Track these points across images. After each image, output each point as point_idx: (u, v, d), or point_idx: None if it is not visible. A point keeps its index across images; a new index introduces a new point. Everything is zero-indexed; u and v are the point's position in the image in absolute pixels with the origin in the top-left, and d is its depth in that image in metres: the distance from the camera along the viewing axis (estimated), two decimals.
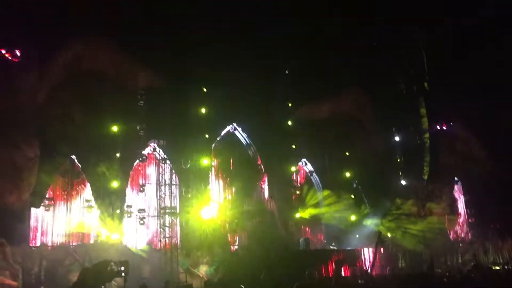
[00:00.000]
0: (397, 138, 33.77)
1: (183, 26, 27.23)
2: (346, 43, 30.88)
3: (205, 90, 28.65)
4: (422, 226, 31.29)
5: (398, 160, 33.69)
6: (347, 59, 31.12)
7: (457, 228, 35.96)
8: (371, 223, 32.65)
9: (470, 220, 35.79)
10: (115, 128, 25.98)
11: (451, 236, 34.89)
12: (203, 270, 25.02)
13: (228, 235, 28.82)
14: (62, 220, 25.58)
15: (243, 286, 20.91)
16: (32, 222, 24.71)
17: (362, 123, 35.34)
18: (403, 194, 33.00)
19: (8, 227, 21.98)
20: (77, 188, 26.34)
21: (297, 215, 31.43)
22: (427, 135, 31.53)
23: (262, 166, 31.45)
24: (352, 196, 33.36)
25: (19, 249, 21.55)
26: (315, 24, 30.00)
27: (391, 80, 32.85)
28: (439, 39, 32.48)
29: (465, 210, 36.24)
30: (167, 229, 25.55)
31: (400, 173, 33.75)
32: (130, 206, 26.33)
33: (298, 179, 33.36)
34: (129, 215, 26.06)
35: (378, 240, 27.46)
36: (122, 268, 15.69)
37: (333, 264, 26.79)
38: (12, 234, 21.99)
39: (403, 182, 33.48)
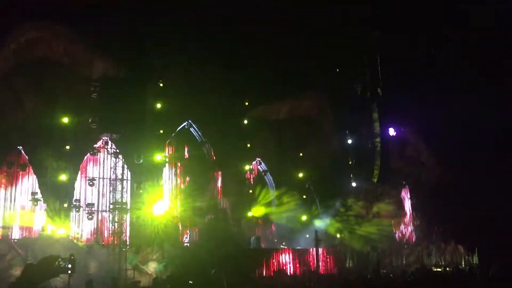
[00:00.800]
0: (349, 141, 34.51)
1: (141, 17, 26.76)
2: (305, 45, 31.27)
3: (161, 84, 28.24)
4: (370, 227, 32.15)
5: (350, 163, 34.44)
6: (305, 61, 31.50)
7: (403, 230, 37.10)
8: (321, 223, 33.27)
9: (415, 223, 36.99)
10: (65, 120, 25.24)
11: (397, 238, 35.99)
12: (152, 267, 24.73)
13: (180, 231, 28.65)
14: (6, 213, 24.69)
15: (191, 282, 20.88)
16: None
17: (317, 125, 35.94)
18: (353, 196, 33.81)
19: None
20: (23, 180, 25.46)
21: (250, 214, 31.61)
22: (378, 139, 32.38)
23: (216, 164, 31.39)
24: (304, 197, 33.89)
25: None
26: (276, 25, 30.16)
27: (346, 84, 33.49)
28: (395, 46, 33.39)
29: (411, 212, 37.45)
30: (116, 224, 25.04)
31: (351, 175, 34.51)
32: (78, 201, 25.69)
33: (252, 177, 33.50)
34: (77, 209, 25.44)
35: (315, 239, 28.01)
36: (69, 265, 15.34)
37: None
38: None
39: (354, 184, 34.27)
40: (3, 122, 24.50)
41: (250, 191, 32.28)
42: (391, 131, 35.22)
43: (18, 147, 25.14)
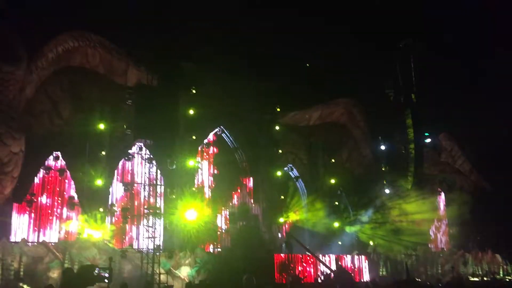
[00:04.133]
0: (382, 147, 34.10)
1: (175, 25, 27.22)
2: (336, 51, 31.19)
3: (194, 91, 28.60)
4: (404, 234, 31.63)
5: (383, 169, 34.01)
6: (336, 68, 31.42)
7: (438, 238, 36.39)
8: (353, 230, 32.93)
9: (451, 231, 36.25)
10: (101, 126, 25.85)
11: (432, 246, 35.30)
12: (184, 271, 24.95)
13: (212, 237, 28.82)
14: (44, 216, 25.36)
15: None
16: (14, 217, 24.51)
17: (349, 131, 35.72)
18: (386, 203, 33.36)
19: None
20: (61, 184, 26.15)
21: (281, 220, 31.55)
22: (412, 145, 31.85)
23: (247, 170, 31.53)
24: (336, 203, 33.64)
25: None
26: (306, 32, 30.23)
27: (379, 91, 33.16)
28: (428, 51, 33.00)
29: (446, 220, 36.71)
30: (150, 229, 25.39)
31: (385, 182, 34.06)
32: (114, 205, 26.22)
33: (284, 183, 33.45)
34: (112, 214, 25.94)
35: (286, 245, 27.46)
36: (107, 275, 15.72)
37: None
38: None
39: (387, 191, 33.80)
40: (41, 129, 25.22)
41: (282, 197, 32.20)
42: (426, 138, 34.62)
43: (56, 152, 25.77)
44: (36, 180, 25.52)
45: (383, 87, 33.26)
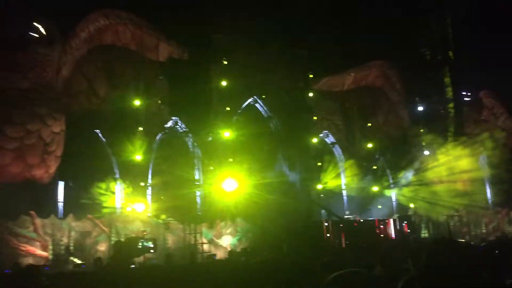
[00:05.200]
0: (420, 108, 33.30)
1: None
2: (369, 11, 30.35)
3: (225, 62, 28.52)
4: (445, 196, 31.10)
5: (422, 130, 33.29)
6: (370, 28, 30.57)
7: (482, 197, 35.55)
8: (392, 193, 32.66)
9: (494, 190, 35.32)
10: (137, 102, 26.25)
11: (475, 206, 34.56)
12: (226, 241, 25.47)
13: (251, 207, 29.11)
14: (89, 193, 26.15)
15: (265, 254, 21.31)
16: (60, 195, 25.38)
17: (385, 94, 35.01)
18: (425, 164, 32.77)
19: (37, 200, 22.71)
20: (102, 161, 26.78)
21: (319, 187, 31.52)
22: (451, 104, 30.98)
23: (283, 138, 31.42)
24: (375, 167, 33.30)
25: (48, 221, 22.22)
26: None
27: (415, 49, 32.19)
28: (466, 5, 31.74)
29: (489, 179, 35.76)
30: (190, 201, 25.91)
31: (424, 143, 33.39)
32: (154, 178, 26.77)
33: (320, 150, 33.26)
34: (153, 187, 26.52)
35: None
36: (152, 245, 16.57)
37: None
38: (41, 206, 22.72)
39: (426, 152, 33.16)
40: (79, 108, 25.82)
41: (319, 164, 32.07)
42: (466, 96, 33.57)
43: (96, 130, 26.36)
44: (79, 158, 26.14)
45: (419, 46, 32.27)
